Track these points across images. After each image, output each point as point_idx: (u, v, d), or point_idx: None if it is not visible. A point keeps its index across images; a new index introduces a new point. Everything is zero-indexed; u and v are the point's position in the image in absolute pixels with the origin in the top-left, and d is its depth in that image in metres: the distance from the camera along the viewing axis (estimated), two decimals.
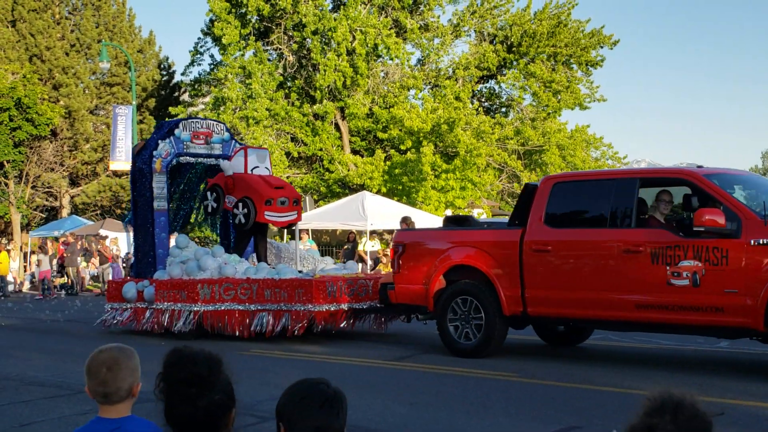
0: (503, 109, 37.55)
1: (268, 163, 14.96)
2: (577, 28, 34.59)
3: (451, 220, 12.29)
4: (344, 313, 12.32)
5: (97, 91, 40.16)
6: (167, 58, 43.21)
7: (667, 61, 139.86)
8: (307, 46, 32.54)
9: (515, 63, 35.04)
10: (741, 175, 10.14)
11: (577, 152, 32.86)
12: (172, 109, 34.66)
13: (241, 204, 13.89)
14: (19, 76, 35.84)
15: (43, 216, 40.73)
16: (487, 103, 37.61)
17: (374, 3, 32.25)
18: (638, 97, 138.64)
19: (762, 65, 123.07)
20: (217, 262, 13.52)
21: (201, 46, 35.29)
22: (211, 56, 35.80)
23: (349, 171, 31.36)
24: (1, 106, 34.67)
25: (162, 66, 42.60)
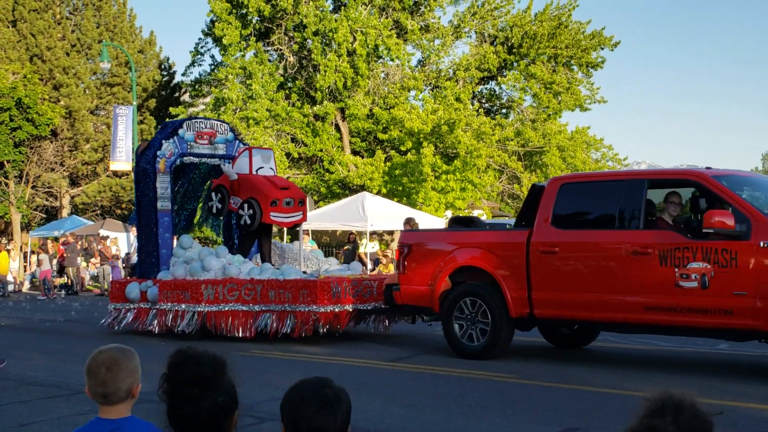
0: (504, 111, 37.56)
1: (273, 163, 14.88)
2: (578, 30, 34.60)
3: (457, 221, 12.25)
4: (349, 314, 12.26)
5: (98, 92, 40.17)
6: (168, 59, 43.23)
7: (667, 62, 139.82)
8: (308, 46, 32.54)
9: (516, 64, 35.05)
10: (749, 177, 10.10)
11: (577, 153, 32.85)
12: (172, 110, 34.67)
13: (247, 205, 13.80)
14: (19, 76, 35.84)
15: (44, 216, 40.73)
16: (487, 105, 37.61)
17: (375, 4, 32.25)
18: (638, 99, 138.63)
19: (763, 67, 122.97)
20: (221, 263, 13.47)
21: (201, 47, 35.31)
22: (212, 57, 35.82)
23: (350, 172, 31.36)
24: (2, 106, 34.66)
25: (162, 66, 42.60)
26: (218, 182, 14.52)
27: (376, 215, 24.80)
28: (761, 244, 8.24)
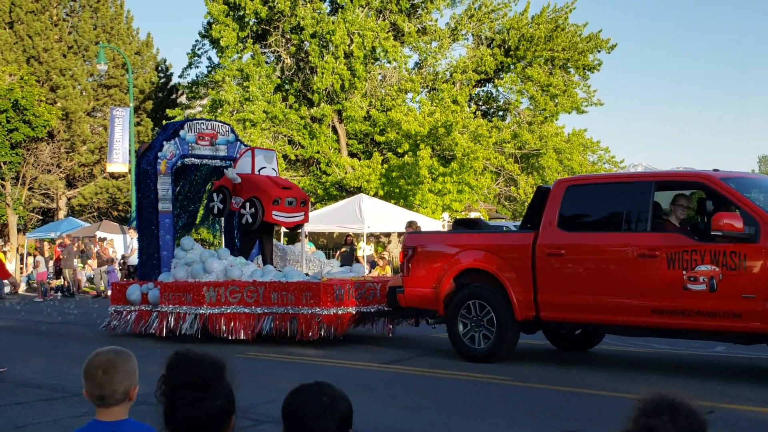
0: (500, 113, 37.58)
1: (275, 164, 14.81)
2: (575, 32, 34.63)
3: (461, 223, 12.19)
4: (352, 317, 12.19)
5: (95, 93, 40.14)
6: (165, 61, 43.24)
7: (664, 65, 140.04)
8: (305, 49, 32.54)
9: (513, 67, 35.07)
10: (757, 179, 10.05)
11: (574, 156, 32.88)
12: (169, 112, 34.64)
13: (249, 204, 13.72)
14: (16, 77, 35.79)
15: (40, 218, 40.68)
16: (484, 107, 37.63)
17: (372, 6, 32.26)
18: (635, 101, 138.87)
19: (759, 70, 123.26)
20: (223, 265, 13.39)
21: (198, 49, 35.30)
22: (209, 59, 35.88)
23: (346, 174, 31.35)
24: None
25: (159, 68, 42.59)
26: (220, 183, 14.46)
27: (373, 217, 24.80)
28: None
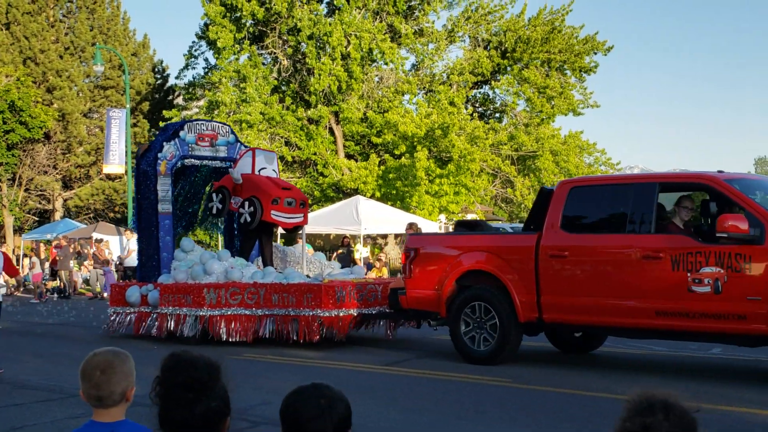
0: (497, 115, 37.59)
1: (276, 165, 14.75)
2: (571, 34, 34.66)
3: (463, 225, 12.16)
4: (353, 319, 12.14)
5: (91, 94, 40.09)
6: (161, 62, 43.18)
7: (660, 67, 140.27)
8: (302, 50, 32.54)
9: (509, 69, 35.09)
10: (761, 180, 10.01)
11: (570, 158, 32.89)
12: (166, 113, 34.59)
13: (248, 203, 13.65)
14: (12, 78, 35.74)
15: (36, 219, 40.62)
16: (481, 109, 37.64)
17: (369, 8, 32.27)
18: (632, 103, 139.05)
19: (756, 71, 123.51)
20: (224, 266, 13.34)
21: (195, 50, 35.26)
22: (206, 60, 35.82)
23: (343, 175, 31.35)
24: None
25: (156, 69, 42.54)
26: (220, 183, 14.42)
27: (370, 219, 24.80)
28: None
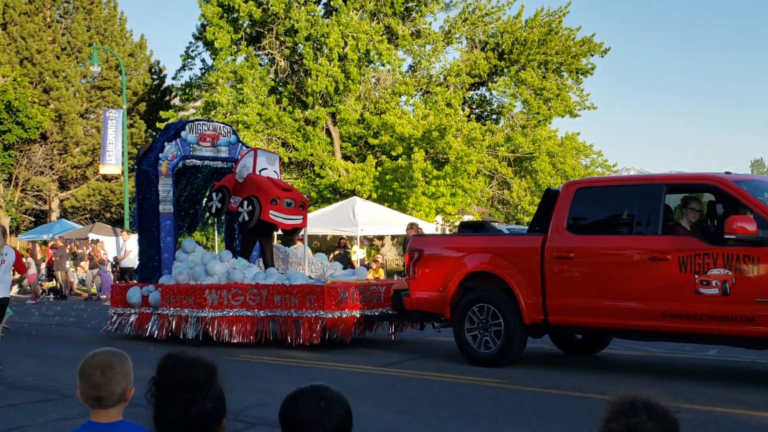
0: (494, 116, 37.60)
1: (278, 167, 14.65)
2: (568, 36, 34.67)
3: (467, 226, 12.10)
4: (356, 320, 12.09)
5: (88, 95, 40.08)
6: (158, 62, 43.18)
7: (657, 69, 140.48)
8: (299, 51, 32.54)
9: (506, 70, 35.10)
10: None
11: (567, 160, 32.90)
12: (162, 114, 34.58)
13: (246, 202, 13.58)
14: (9, 79, 35.74)
15: (33, 219, 40.59)
16: (477, 110, 37.66)
17: (366, 9, 32.28)
18: (628, 105, 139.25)
19: (754, 73, 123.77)
20: (225, 267, 13.25)
21: (192, 51, 35.23)
22: (203, 61, 35.75)
23: (340, 177, 31.35)
24: None
25: (153, 70, 42.54)
26: (221, 183, 14.36)
27: (367, 220, 24.81)
28: None
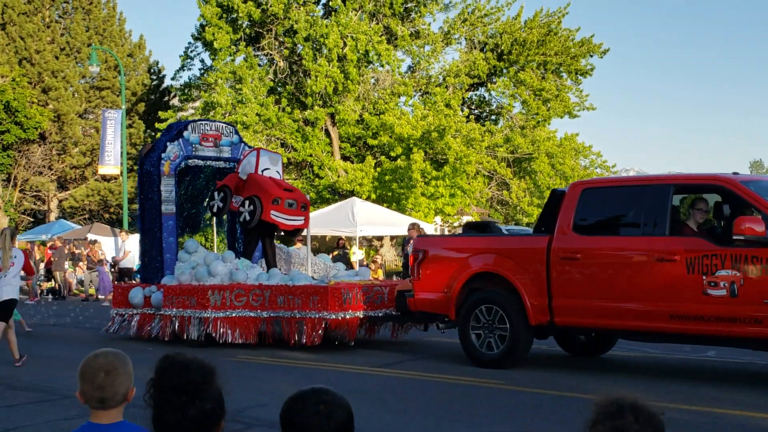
0: (493, 117, 37.61)
1: (280, 167, 14.62)
2: (567, 37, 34.68)
3: (472, 227, 12.06)
4: (360, 321, 12.04)
5: (87, 95, 40.08)
6: (157, 63, 43.17)
7: (656, 70, 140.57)
8: (298, 51, 32.54)
9: (505, 71, 35.10)
10: None
11: (566, 160, 32.91)
12: (161, 114, 34.57)
13: (248, 201, 13.53)
14: (8, 79, 35.73)
15: (31, 220, 40.58)
16: (477, 111, 37.66)
17: (365, 10, 32.28)
18: (627, 106, 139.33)
19: (750, 74, 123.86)
20: (228, 268, 13.21)
21: (191, 51, 35.20)
22: (202, 61, 35.74)
23: (339, 177, 31.35)
24: None
25: (152, 70, 42.53)
26: (222, 183, 14.32)
27: (366, 221, 24.80)
28: None
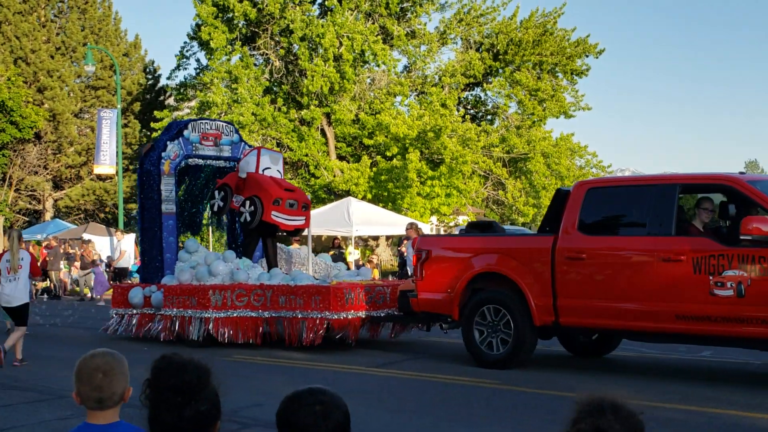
0: (489, 117, 37.65)
1: (281, 166, 14.56)
2: (563, 37, 34.74)
3: (475, 226, 12.01)
4: (362, 321, 12.00)
5: (82, 95, 40.01)
6: (153, 62, 43.08)
7: (651, 70, 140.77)
8: (294, 51, 32.52)
9: (501, 71, 35.15)
10: None
11: (561, 160, 32.97)
12: (157, 113, 34.54)
13: (249, 202, 13.47)
14: (3, 78, 35.65)
15: (26, 219, 40.50)
16: (472, 111, 37.70)
17: (361, 9, 32.28)
18: (623, 106, 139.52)
19: (748, 74, 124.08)
20: (229, 268, 13.12)
21: (187, 51, 35.18)
22: (197, 61, 35.72)
23: (335, 177, 31.35)
24: None
25: (147, 70, 42.46)
26: (223, 181, 14.27)
27: (361, 221, 24.80)
28: None
